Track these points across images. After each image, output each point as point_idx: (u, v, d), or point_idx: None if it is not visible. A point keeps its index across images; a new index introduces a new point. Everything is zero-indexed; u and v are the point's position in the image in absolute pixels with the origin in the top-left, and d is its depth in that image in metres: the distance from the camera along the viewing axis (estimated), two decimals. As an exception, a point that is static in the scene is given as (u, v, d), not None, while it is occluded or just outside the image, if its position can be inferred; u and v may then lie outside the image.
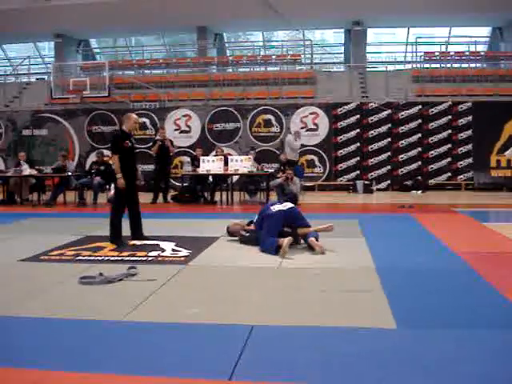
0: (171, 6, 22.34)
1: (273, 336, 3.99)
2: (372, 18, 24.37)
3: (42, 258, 6.91)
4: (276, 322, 4.26)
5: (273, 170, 14.70)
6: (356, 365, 3.48)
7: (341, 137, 17.65)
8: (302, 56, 24.40)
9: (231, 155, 15.04)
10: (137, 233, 8.07)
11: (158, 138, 14.65)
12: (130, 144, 8.02)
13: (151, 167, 16.09)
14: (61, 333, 4.11)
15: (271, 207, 7.44)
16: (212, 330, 4.11)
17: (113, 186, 9.28)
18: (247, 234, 7.76)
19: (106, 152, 14.63)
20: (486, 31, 26.22)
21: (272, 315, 4.46)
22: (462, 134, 17.15)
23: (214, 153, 15.69)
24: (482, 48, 24.88)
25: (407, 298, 4.95)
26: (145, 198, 13.97)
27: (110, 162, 12.08)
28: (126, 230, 8.09)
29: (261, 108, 18.16)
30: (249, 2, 21.65)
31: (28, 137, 19.32)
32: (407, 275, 5.80)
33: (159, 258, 6.80)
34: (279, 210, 7.31)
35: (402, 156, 17.36)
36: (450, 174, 17.27)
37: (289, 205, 7.62)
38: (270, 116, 18.05)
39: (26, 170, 14.01)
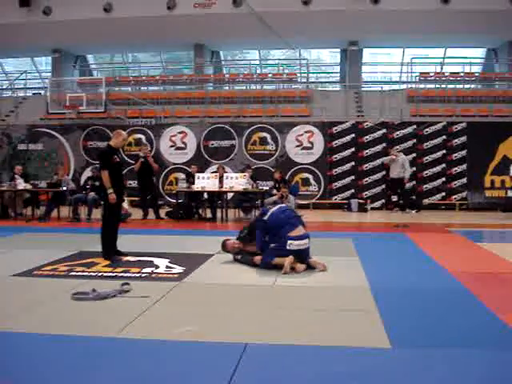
0: (169, 23, 22.50)
1: (266, 355, 3.97)
2: (368, 38, 24.55)
3: (34, 273, 6.87)
4: (270, 341, 4.24)
5: (268, 188, 14.73)
6: (350, 384, 3.47)
7: (336, 155, 17.69)
8: (298, 75, 24.53)
9: (226, 172, 15.06)
10: (114, 247, 8.09)
11: (140, 154, 14.69)
12: (117, 159, 8.09)
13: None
14: (54, 349, 4.08)
15: (290, 241, 6.96)
16: (205, 348, 4.09)
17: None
18: (239, 257, 7.67)
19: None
20: (480, 52, 26.45)
21: (266, 334, 4.44)
22: (456, 154, 17.22)
23: (213, 168, 15.82)
24: (476, 69, 25.08)
25: (401, 317, 4.94)
26: (136, 214, 14.02)
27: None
28: (124, 246, 8.11)
29: (256, 126, 18.21)
30: (246, 21, 21.82)
31: (23, 151, 19.31)
32: (401, 295, 5.79)
33: (153, 275, 6.77)
34: (298, 250, 7.00)
35: (397, 175, 17.37)
36: (444, 194, 17.32)
37: (306, 242, 7.15)
38: (265, 134, 18.09)
39: (21, 184, 13.98)
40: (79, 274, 6.81)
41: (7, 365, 3.77)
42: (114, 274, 6.77)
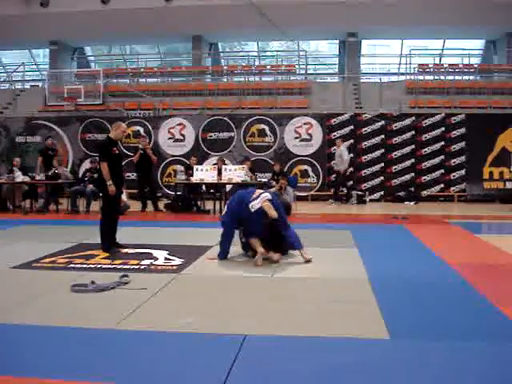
0: (167, 15, 22.44)
1: (265, 346, 3.98)
2: (367, 29, 24.54)
3: (34, 265, 6.87)
4: (268, 332, 4.25)
5: (266, 180, 14.72)
6: (349, 375, 3.48)
7: (334, 147, 17.65)
8: (297, 66, 24.52)
9: (226, 165, 15.05)
10: (113, 239, 8.08)
11: (139, 146, 14.68)
12: (117, 151, 8.08)
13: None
14: (53, 341, 4.08)
15: (249, 205, 7.07)
16: (204, 340, 4.09)
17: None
18: (244, 241, 7.68)
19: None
20: (479, 44, 26.44)
21: (265, 325, 4.45)
22: (455, 146, 17.23)
23: (212, 160, 15.89)
24: (475, 60, 25.08)
25: (400, 308, 4.95)
26: (134, 206, 14.00)
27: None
28: (123, 238, 8.11)
29: (255, 118, 18.17)
30: (244, 13, 21.76)
31: (21, 143, 19.27)
32: (400, 286, 5.80)
33: (152, 267, 6.77)
34: (257, 210, 7.04)
35: (396, 167, 17.40)
36: (442, 186, 17.33)
37: (266, 195, 7.24)
38: (263, 126, 18.06)
39: (19, 177, 13.95)
40: (78, 266, 6.81)
41: (7, 357, 3.77)
42: (113, 266, 6.77)
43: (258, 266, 6.82)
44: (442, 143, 17.28)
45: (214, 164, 14.95)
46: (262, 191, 7.40)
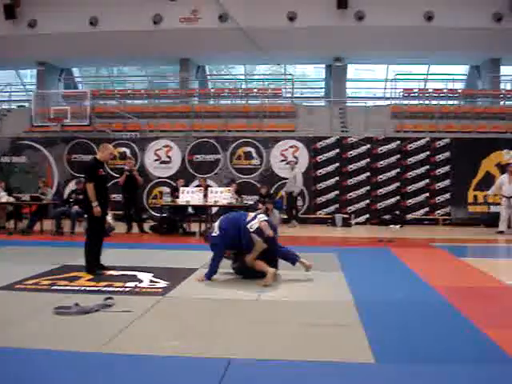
0: (155, 37, 22.51)
1: (250, 370, 3.96)
2: (353, 54, 24.74)
3: (17, 286, 6.80)
4: (253, 356, 4.23)
5: (252, 202, 14.72)
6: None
7: (320, 170, 17.74)
8: (283, 90, 24.63)
9: (211, 186, 15.07)
10: (97, 261, 8.03)
11: (125, 168, 14.66)
12: (103, 173, 8.11)
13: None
14: (35, 364, 4.03)
15: (248, 225, 7.26)
16: (188, 364, 4.07)
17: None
18: (235, 266, 7.72)
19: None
20: (463, 69, 26.73)
21: (250, 349, 4.43)
22: (439, 170, 17.37)
23: (196, 182, 15.82)
24: (459, 85, 25.32)
25: (385, 332, 4.95)
26: (120, 228, 13.93)
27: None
28: (108, 260, 8.06)
29: (241, 140, 18.26)
30: (231, 36, 21.90)
31: (6, 164, 19.17)
32: (385, 309, 5.81)
33: (136, 289, 6.73)
34: (256, 230, 7.23)
35: (381, 190, 17.49)
36: (427, 209, 17.43)
37: (261, 217, 7.54)
38: (250, 148, 18.14)
39: (4, 197, 13.86)
40: (62, 288, 6.75)
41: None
42: (98, 289, 6.72)
43: (268, 285, 6.94)
44: (427, 167, 17.43)
45: (197, 186, 14.95)
46: (254, 213, 7.63)
